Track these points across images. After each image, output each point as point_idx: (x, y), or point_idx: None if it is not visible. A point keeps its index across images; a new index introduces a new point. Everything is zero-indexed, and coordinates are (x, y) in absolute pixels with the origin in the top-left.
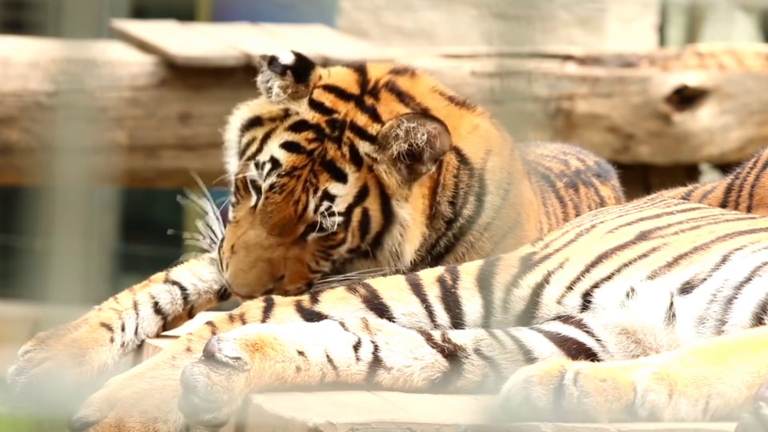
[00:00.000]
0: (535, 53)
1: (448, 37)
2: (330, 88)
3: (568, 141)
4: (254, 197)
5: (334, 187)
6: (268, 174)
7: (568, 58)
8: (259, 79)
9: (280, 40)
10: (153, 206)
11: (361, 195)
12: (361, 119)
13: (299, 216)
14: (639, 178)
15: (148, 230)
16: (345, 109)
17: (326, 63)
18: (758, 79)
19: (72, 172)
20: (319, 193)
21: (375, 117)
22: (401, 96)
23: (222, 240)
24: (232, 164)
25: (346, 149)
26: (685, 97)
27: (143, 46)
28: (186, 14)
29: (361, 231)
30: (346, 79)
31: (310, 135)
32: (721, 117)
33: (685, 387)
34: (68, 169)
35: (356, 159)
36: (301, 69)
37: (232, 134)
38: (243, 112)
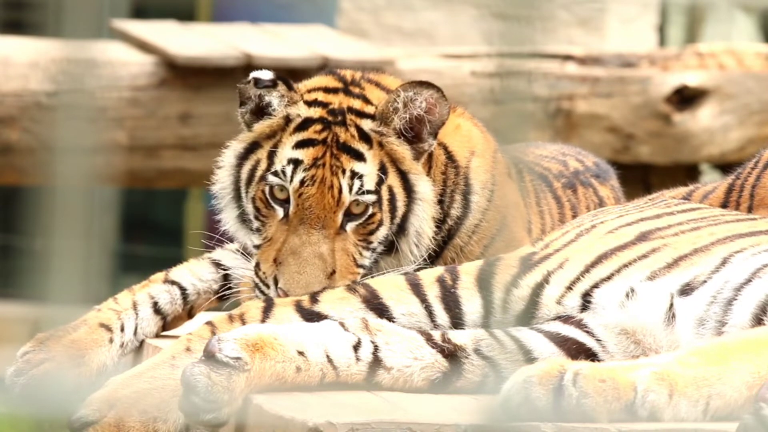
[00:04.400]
0: (535, 53)
1: (448, 37)
2: (316, 89)
3: (568, 141)
4: (280, 210)
5: (358, 166)
6: (294, 173)
7: (568, 58)
8: (241, 110)
9: (280, 40)
10: (153, 206)
11: (382, 173)
12: (356, 103)
13: (337, 201)
14: (639, 178)
15: (148, 230)
16: (338, 100)
17: (326, 63)
18: (758, 79)
19: (72, 172)
20: (348, 173)
21: (366, 101)
22: (381, 86)
23: (257, 264)
24: (229, 207)
25: (353, 130)
26: (685, 97)
27: (143, 46)
28: (186, 14)
29: (391, 211)
30: (325, 80)
31: (318, 127)
32: (721, 117)
33: (686, 387)
34: (68, 169)
35: (365, 137)
36: (284, 80)
37: (224, 175)
38: (234, 146)
